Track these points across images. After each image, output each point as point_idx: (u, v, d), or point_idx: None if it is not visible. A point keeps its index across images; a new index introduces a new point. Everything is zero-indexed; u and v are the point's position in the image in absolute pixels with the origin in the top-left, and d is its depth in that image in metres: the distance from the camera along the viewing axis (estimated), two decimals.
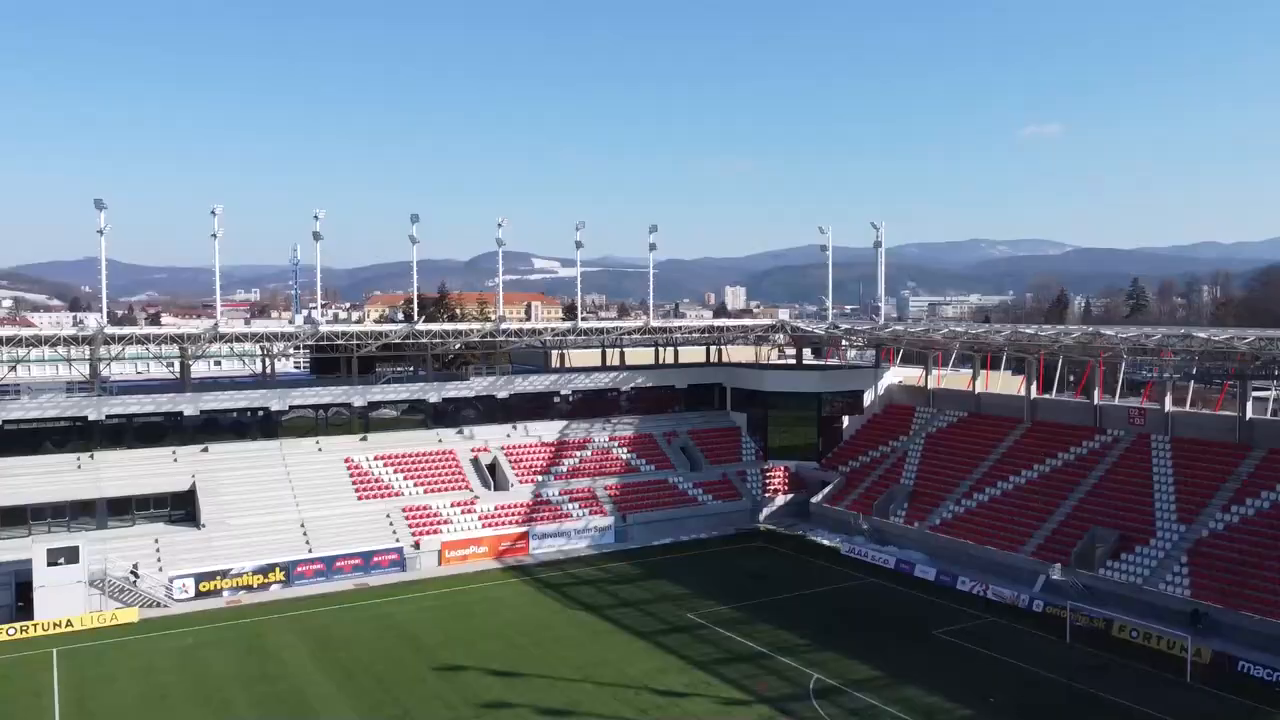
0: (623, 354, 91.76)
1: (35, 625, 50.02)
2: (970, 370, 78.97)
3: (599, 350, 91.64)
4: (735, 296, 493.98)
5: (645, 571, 61.47)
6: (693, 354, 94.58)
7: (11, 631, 49.46)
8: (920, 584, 58.42)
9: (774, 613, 52.58)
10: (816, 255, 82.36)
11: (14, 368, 68.33)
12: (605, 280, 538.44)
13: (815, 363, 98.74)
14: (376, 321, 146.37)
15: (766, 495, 76.67)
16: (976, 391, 76.48)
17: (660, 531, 69.96)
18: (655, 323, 75.58)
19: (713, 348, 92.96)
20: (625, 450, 77.67)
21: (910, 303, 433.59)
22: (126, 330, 58.31)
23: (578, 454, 75.83)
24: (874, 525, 67.84)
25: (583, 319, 78.45)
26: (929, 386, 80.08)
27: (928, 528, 64.91)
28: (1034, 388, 72.65)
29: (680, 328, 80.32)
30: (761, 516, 74.72)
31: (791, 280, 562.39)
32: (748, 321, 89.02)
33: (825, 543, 67.98)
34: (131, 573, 54.40)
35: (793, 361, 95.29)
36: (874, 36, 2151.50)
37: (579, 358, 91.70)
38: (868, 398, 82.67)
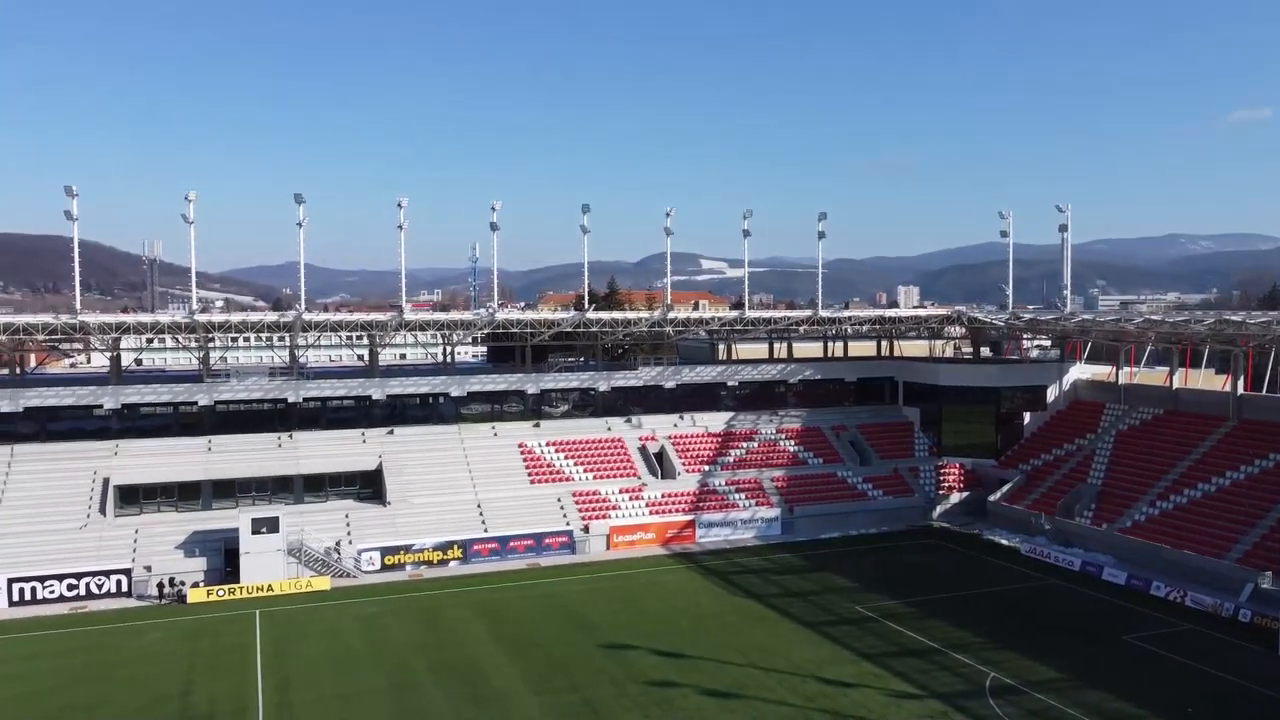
0: (790, 347, 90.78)
1: (241, 588, 54.20)
2: (1164, 369, 73.64)
3: (765, 345, 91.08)
4: (908, 296, 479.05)
5: (811, 564, 60.53)
6: (861, 350, 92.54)
7: (221, 593, 53.78)
8: (1108, 587, 54.91)
9: (947, 609, 50.68)
10: (995, 252, 79.36)
11: (224, 356, 74.21)
12: (773, 280, 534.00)
13: (994, 358, 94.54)
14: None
15: (940, 492, 74.01)
16: (1174, 388, 71.25)
17: (827, 525, 68.74)
18: (824, 313, 74.14)
19: (883, 342, 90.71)
20: (792, 443, 76.76)
21: (1099, 301, 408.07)
22: (321, 317, 62.42)
23: (744, 445, 75.53)
24: (1057, 526, 64.29)
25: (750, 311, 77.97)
26: (1120, 382, 75.22)
27: (1117, 530, 60.95)
28: (1241, 384, 66.98)
29: (850, 318, 78.51)
30: (935, 514, 72.22)
31: (968, 279, 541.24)
32: (921, 312, 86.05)
33: (1003, 542, 64.99)
34: (334, 549, 58.04)
35: (968, 356, 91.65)
36: (1058, 21, 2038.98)
37: (745, 353, 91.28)
38: (1051, 393, 78.47)
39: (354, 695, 39.75)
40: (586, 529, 64.04)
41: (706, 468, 72.47)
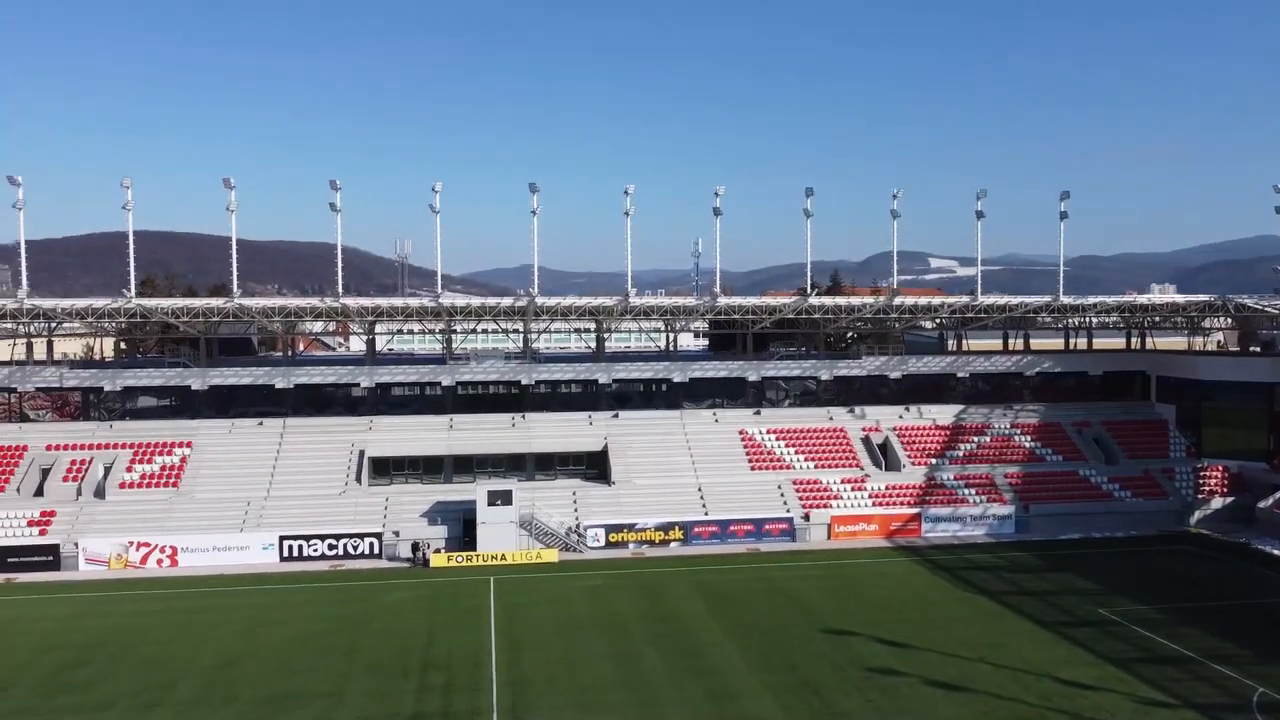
0: (1027, 342, 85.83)
1: (478, 555, 57.60)
2: None
3: (998, 341, 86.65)
4: (1163, 295, 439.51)
5: (1048, 563, 56.93)
6: (1106, 343, 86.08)
7: (459, 559, 57.37)
8: None
9: (1206, 619, 46.19)
10: (1268, 246, 71.15)
11: (464, 344, 79.16)
12: (1008, 279, 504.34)
13: (1266, 352, 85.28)
14: None
15: (1199, 497, 67.60)
16: None
17: (1067, 525, 64.44)
18: (1065, 299, 69.49)
19: (1132, 337, 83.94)
20: (1028, 438, 72.50)
21: None
22: (552, 301, 65.26)
23: (975, 439, 72.10)
24: None
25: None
26: None
27: None
28: None
29: (1094, 305, 73.18)
30: (1192, 520, 66.08)
31: (1234, 276, 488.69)
32: (1178, 298, 78.61)
33: (1276, 552, 58.51)
34: (574, 530, 60.55)
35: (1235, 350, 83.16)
36: None
37: (976, 348, 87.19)
38: None
39: (579, 658, 41.28)
40: (807, 517, 63.31)
41: (934, 461, 69.75)
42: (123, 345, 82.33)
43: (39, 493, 62.57)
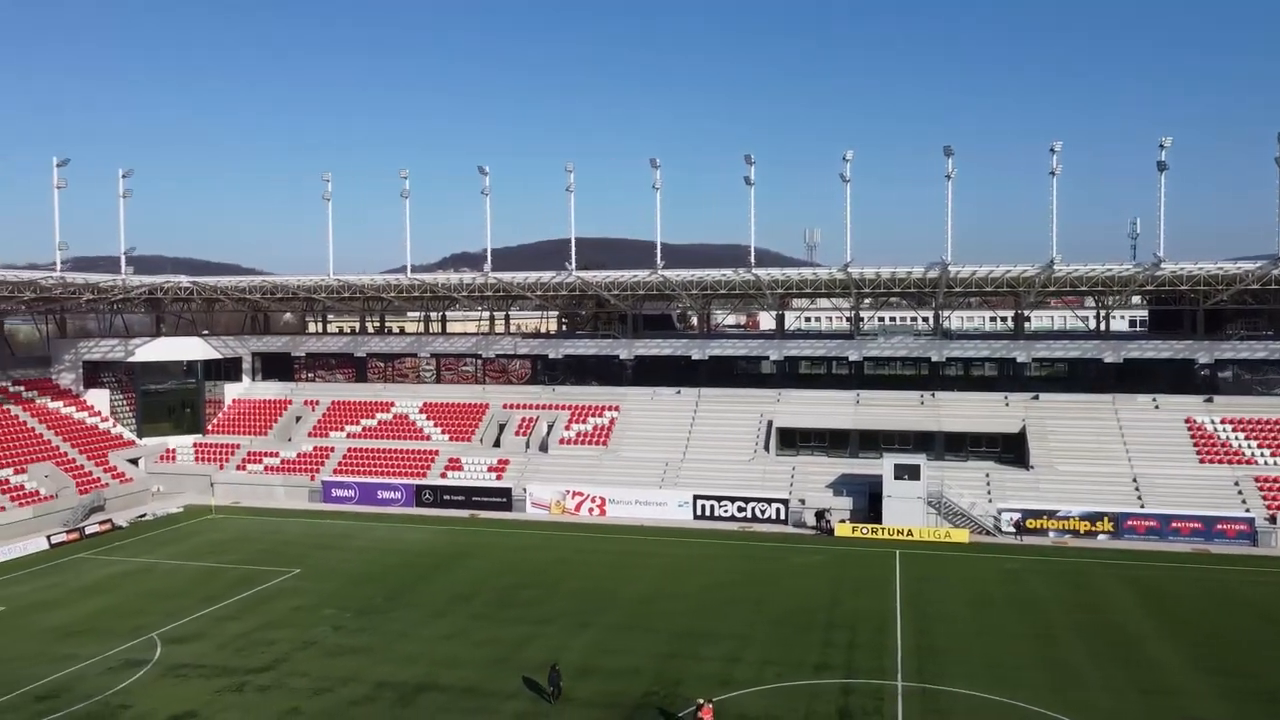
0: None
1: (883, 529, 56.74)
2: None
3: None
4: None
5: None
6: None
7: (865, 530, 56.90)
8: None
9: None
10: None
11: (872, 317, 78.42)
12: None
13: None
14: None
15: None
16: None
17: None
18: None
19: None
20: None
21: None
22: (967, 270, 61.98)
23: None
24: None
25: None
26: None
27: None
28: None
29: None
30: None
31: None
32: None
33: None
34: (992, 516, 57.91)
35: None
36: None
37: None
38: None
39: (992, 634, 39.16)
40: (1273, 519, 54.44)
41: None
42: (563, 322, 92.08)
43: (496, 444, 72.16)
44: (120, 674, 35.68)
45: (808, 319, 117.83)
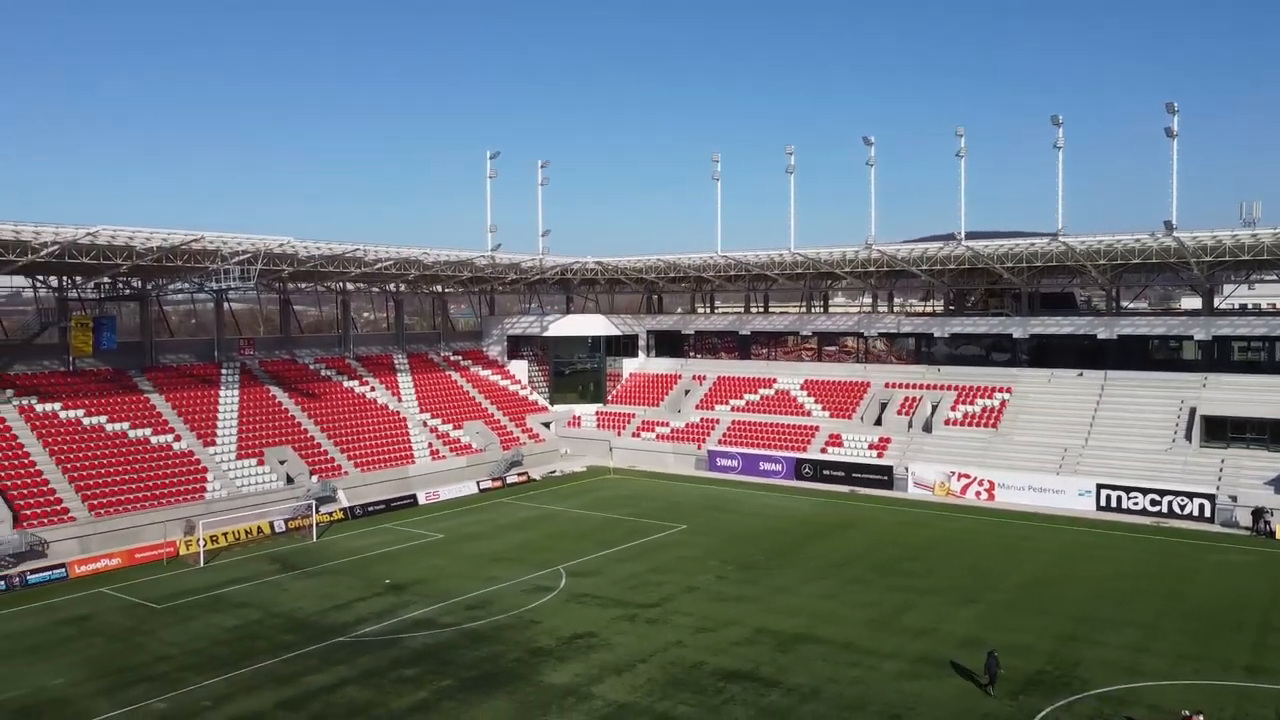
0: None
1: None
2: None
3: None
4: None
5: None
6: None
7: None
8: None
9: None
10: None
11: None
12: None
13: None
14: None
15: None
16: None
17: None
18: None
19: None
20: None
21: None
22: None
23: None
24: None
25: None
26: None
27: None
28: None
29: None
30: None
31: None
32: None
33: None
34: None
35: None
36: None
37: None
38: None
39: None
40: None
41: None
42: (949, 300, 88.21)
43: (878, 422, 70.85)
44: (532, 596, 40.00)
45: (1241, 306, 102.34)
